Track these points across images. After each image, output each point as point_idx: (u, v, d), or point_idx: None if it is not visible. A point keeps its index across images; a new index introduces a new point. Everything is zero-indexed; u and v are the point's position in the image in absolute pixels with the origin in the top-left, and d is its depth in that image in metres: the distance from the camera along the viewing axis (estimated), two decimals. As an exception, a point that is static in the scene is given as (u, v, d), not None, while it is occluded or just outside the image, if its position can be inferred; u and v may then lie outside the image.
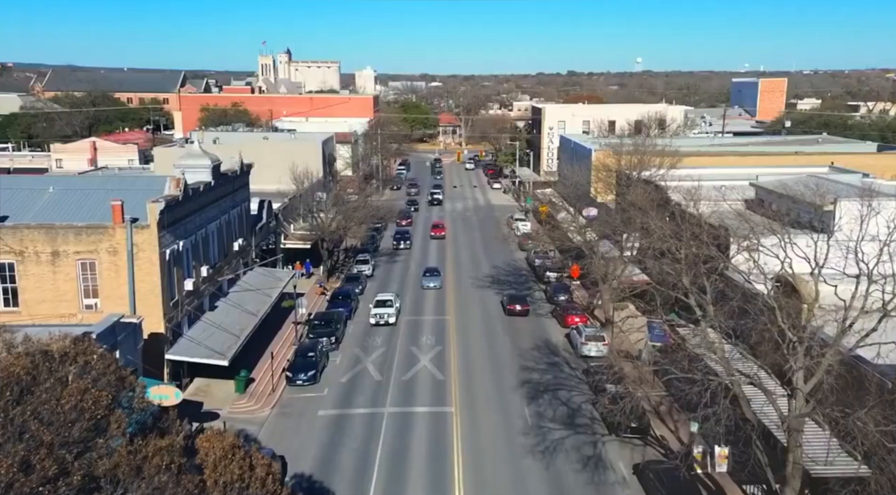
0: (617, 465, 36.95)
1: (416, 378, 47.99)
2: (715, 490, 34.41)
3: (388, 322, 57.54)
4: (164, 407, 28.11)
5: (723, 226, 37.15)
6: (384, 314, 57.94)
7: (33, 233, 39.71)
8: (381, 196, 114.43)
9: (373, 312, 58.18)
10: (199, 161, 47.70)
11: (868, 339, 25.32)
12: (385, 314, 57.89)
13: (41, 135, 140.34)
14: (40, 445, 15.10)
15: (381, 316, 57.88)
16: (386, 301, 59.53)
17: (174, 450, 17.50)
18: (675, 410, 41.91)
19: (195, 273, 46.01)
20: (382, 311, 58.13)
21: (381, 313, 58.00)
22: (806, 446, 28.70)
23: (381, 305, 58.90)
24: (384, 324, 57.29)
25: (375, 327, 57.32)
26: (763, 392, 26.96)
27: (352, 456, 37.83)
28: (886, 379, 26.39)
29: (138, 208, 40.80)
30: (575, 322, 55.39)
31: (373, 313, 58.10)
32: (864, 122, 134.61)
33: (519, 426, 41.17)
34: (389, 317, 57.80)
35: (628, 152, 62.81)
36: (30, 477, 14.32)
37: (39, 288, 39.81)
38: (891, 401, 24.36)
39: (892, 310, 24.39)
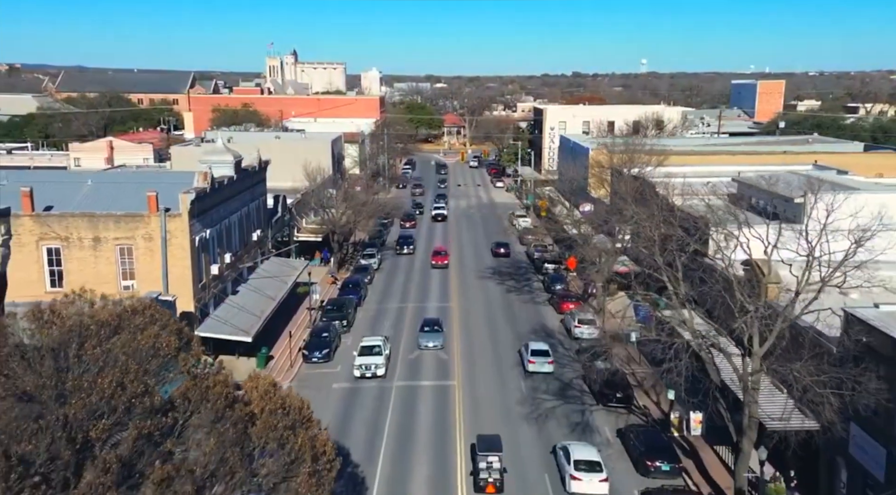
0: (602, 430, 41.07)
1: (422, 357, 52.17)
2: (689, 450, 38.47)
3: (376, 374, 47.41)
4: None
5: (702, 217, 41.22)
6: (370, 365, 47.62)
7: (77, 221, 44.03)
8: (388, 194, 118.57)
9: (357, 362, 47.76)
10: (224, 157, 52.01)
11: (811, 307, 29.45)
12: (372, 365, 47.62)
13: (58, 135, 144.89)
14: (129, 371, 19.27)
15: (366, 367, 47.50)
16: (373, 347, 49.15)
17: (228, 384, 21.68)
18: (658, 384, 45.90)
19: (220, 259, 50.27)
20: (369, 361, 47.81)
21: (368, 364, 47.63)
22: (766, 406, 32.84)
23: (366, 353, 48.67)
24: (371, 377, 47.34)
25: (379, 319, 60.31)
26: (723, 353, 31.07)
27: (363, 422, 42.03)
28: (821, 338, 30.50)
29: (167, 200, 45.07)
30: (570, 308, 59.51)
31: (357, 364, 47.61)
32: (856, 123, 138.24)
33: (515, 397, 45.35)
34: (377, 368, 47.58)
35: (620, 151, 66.97)
36: (125, 392, 18.49)
37: (82, 270, 44.03)
38: (820, 355, 28.43)
39: (829, 282, 28.49)
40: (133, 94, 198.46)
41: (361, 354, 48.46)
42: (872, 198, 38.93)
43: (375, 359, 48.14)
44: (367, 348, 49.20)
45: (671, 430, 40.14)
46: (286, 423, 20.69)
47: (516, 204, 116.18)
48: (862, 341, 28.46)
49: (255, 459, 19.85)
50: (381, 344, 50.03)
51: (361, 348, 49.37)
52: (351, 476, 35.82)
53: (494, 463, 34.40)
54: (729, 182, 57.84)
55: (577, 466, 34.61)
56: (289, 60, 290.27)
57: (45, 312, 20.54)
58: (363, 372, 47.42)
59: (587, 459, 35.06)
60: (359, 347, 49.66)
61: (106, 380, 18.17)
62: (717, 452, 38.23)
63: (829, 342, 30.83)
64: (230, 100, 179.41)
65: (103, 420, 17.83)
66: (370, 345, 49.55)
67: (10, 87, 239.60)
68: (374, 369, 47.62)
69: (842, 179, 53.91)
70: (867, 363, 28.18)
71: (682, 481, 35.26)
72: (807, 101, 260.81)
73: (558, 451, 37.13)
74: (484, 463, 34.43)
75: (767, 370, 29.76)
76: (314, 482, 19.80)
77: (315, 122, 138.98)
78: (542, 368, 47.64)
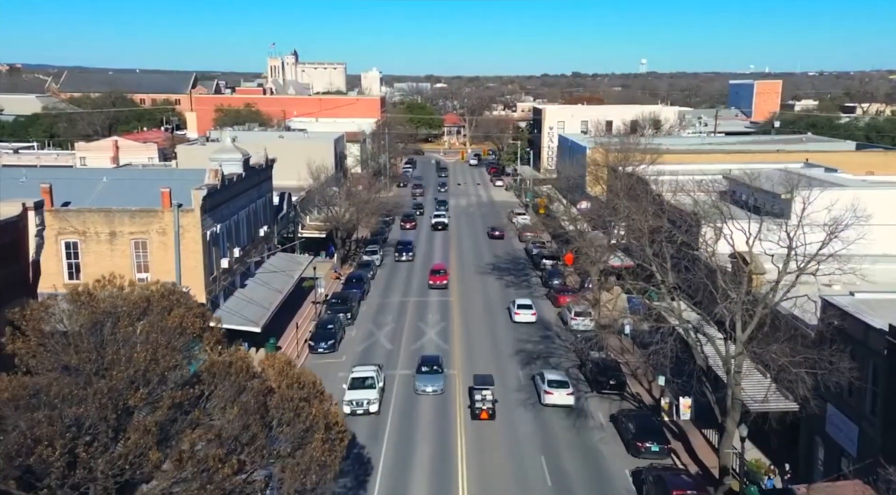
0: (596, 415, 43.05)
1: (423, 347, 54.15)
2: (679, 433, 40.45)
3: (369, 410, 42.09)
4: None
5: (689, 212, 43.17)
6: (362, 400, 42.18)
7: (94, 216, 45.96)
8: (389, 192, 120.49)
9: (346, 397, 42.06)
10: (233, 155, 53.98)
11: (791, 296, 31.43)
12: (364, 400, 42.17)
13: (62, 135, 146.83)
14: (160, 347, 21.23)
15: (357, 403, 42.08)
16: (365, 379, 43.55)
17: (248, 361, 23.67)
18: (649, 373, 47.84)
19: (229, 253, 52.21)
20: (360, 396, 42.40)
21: (359, 399, 42.21)
22: (749, 390, 34.83)
23: (358, 386, 43.10)
24: (363, 413, 41.97)
25: (383, 310, 62.38)
26: (707, 337, 33.05)
27: (365, 420, 43.86)
28: (799, 323, 32.49)
29: (178, 196, 46.99)
30: (566, 301, 61.48)
31: (346, 399, 41.90)
32: (850, 122, 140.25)
33: (513, 384, 47.34)
34: (370, 405, 42.16)
35: (616, 149, 69.02)
36: (158, 366, 20.45)
37: (99, 263, 45.89)
38: (795, 337, 30.39)
39: (805, 271, 30.50)
40: (135, 94, 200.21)
41: (352, 387, 42.31)
42: (845, 194, 40.90)
43: (368, 394, 42.61)
44: (359, 380, 43.47)
45: (661, 415, 42.12)
46: (301, 395, 22.65)
47: (515, 202, 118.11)
48: (836, 325, 30.42)
49: (273, 427, 21.81)
50: (374, 375, 44.32)
51: (352, 381, 43.53)
52: (357, 456, 37.81)
53: (487, 395, 41.97)
54: (720, 179, 59.71)
55: (549, 384, 44.13)
56: (289, 60, 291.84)
57: (83, 295, 22.51)
58: (353, 408, 41.64)
59: (557, 379, 44.83)
60: (349, 379, 43.91)
61: (141, 355, 20.15)
62: (705, 435, 40.19)
63: (807, 327, 32.82)
64: (233, 100, 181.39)
65: (140, 390, 19.80)
66: (362, 377, 43.66)
67: (13, 87, 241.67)
68: (367, 405, 42.01)
69: (825, 176, 55.98)
70: (841, 345, 30.16)
71: (670, 461, 37.23)
72: (804, 100, 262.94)
73: (536, 377, 46.21)
74: (479, 396, 41.96)
75: (749, 353, 31.68)
76: (327, 448, 21.78)
77: (317, 122, 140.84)
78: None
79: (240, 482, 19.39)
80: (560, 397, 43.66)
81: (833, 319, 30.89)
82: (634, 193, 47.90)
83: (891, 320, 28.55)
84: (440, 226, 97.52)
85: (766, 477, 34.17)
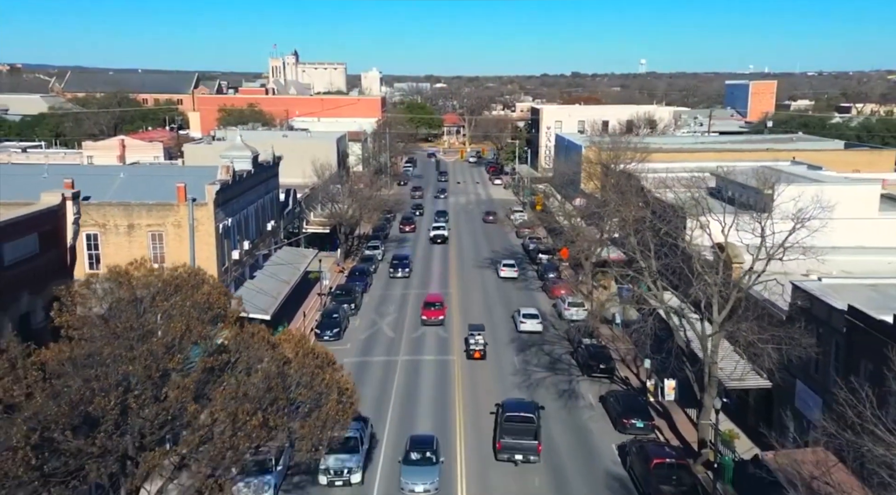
0: (586, 396, 45.82)
1: (424, 335, 56.93)
2: (663, 412, 43.20)
3: (350, 481, 34.76)
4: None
5: (671, 204, 45.98)
6: (342, 469, 34.74)
7: (113, 210, 48.70)
8: (390, 190, 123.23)
9: (322, 465, 34.35)
10: (243, 152, 56.71)
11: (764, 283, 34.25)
12: (343, 469, 34.73)
13: (69, 134, 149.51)
14: (192, 319, 23.96)
15: (336, 472, 34.67)
16: (347, 440, 34.39)
17: (266, 333, 26.43)
18: (638, 359, 50.58)
19: (239, 246, 54.94)
20: (339, 464, 34.77)
21: (338, 468, 34.72)
22: (727, 369, 37.59)
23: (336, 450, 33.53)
24: (342, 485, 34.72)
25: (384, 303, 64.84)
26: (685, 318, 35.82)
27: (373, 391, 46.68)
28: (771, 305, 35.29)
29: (190, 191, 49.67)
30: (560, 293, 64.26)
31: (322, 467, 34.50)
32: (841, 123, 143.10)
33: (509, 369, 50.13)
34: (351, 474, 34.77)
35: (608, 148, 71.87)
36: (191, 335, 23.18)
37: (117, 254, 48.55)
38: (765, 317, 33.17)
39: (773, 257, 33.32)
40: (138, 94, 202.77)
41: (330, 450, 31.96)
42: (809, 188, 43.73)
43: (347, 460, 34.77)
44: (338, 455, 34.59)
45: (647, 395, 44.88)
46: (316, 363, 25.39)
47: (514, 200, 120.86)
48: (803, 307, 33.21)
49: (292, 390, 24.55)
50: (358, 434, 36.04)
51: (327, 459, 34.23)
52: (362, 432, 40.46)
53: (479, 339, 51.56)
54: (708, 176, 62.50)
55: (523, 316, 57.17)
56: (290, 61, 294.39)
57: (122, 274, 25.26)
58: (331, 479, 34.36)
59: (530, 312, 58.06)
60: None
61: (177, 326, 22.88)
62: (688, 414, 42.91)
63: (779, 310, 35.61)
64: (236, 100, 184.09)
65: (176, 356, 22.54)
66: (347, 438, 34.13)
67: (15, 87, 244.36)
68: (347, 474, 34.48)
69: (804, 172, 58.75)
70: (807, 324, 32.95)
71: (654, 436, 39.97)
72: (800, 100, 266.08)
73: (514, 314, 58.60)
74: (472, 339, 51.54)
75: (724, 333, 34.44)
76: (340, 408, 24.54)
77: (318, 122, 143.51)
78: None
79: (265, 435, 22.10)
80: (531, 325, 56.31)
81: (801, 302, 33.66)
82: (622, 188, 50.65)
83: (851, 302, 31.34)
84: (439, 239, 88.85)
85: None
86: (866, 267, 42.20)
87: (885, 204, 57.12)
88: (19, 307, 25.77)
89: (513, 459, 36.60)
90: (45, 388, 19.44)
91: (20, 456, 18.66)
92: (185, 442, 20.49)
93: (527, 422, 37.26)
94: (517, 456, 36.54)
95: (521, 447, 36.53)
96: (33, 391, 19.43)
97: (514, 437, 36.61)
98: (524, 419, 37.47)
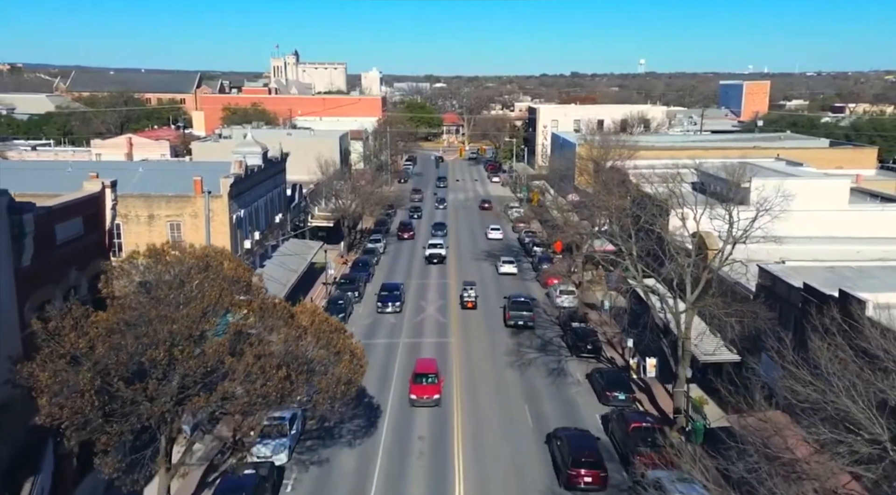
0: (574, 374, 49.45)
1: (424, 321, 60.60)
2: (645, 387, 46.84)
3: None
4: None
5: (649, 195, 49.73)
6: None
7: (135, 201, 52.31)
8: (391, 187, 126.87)
9: None
10: (254, 148, 60.35)
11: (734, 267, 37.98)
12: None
13: (76, 133, 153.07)
14: (223, 288, 27.53)
15: None
16: None
17: (286, 304, 30.04)
18: (623, 341, 54.18)
19: (251, 236, 58.58)
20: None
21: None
22: (700, 345, 41.22)
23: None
24: None
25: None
26: (659, 296, 39.48)
27: (376, 369, 50.21)
28: (740, 285, 39.01)
29: (205, 184, 53.21)
30: (553, 282, 67.90)
31: None
32: (830, 122, 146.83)
33: (502, 350, 53.78)
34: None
35: (599, 146, 75.66)
36: (222, 302, 26.76)
37: (138, 242, 52.08)
38: (729, 294, 36.87)
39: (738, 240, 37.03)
40: (141, 93, 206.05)
41: None
42: (770, 182, 47.52)
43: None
44: None
45: (630, 373, 48.51)
46: (330, 329, 29.00)
47: (511, 197, 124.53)
48: (767, 286, 36.88)
49: (310, 351, 28.15)
50: None
51: None
52: (367, 404, 44.18)
53: (472, 292, 62.36)
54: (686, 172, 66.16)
55: (502, 262, 73.97)
56: (290, 60, 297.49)
57: (160, 252, 28.85)
58: None
59: (508, 259, 75.18)
60: None
61: (211, 294, 26.48)
62: (667, 388, 46.47)
63: (745, 288, 39.30)
64: (239, 99, 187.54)
65: (212, 319, 26.14)
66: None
67: (18, 86, 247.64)
68: None
69: (779, 167, 62.49)
70: (771, 302, 36.62)
71: (635, 407, 43.59)
72: (795, 100, 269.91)
73: (496, 262, 74.18)
74: (466, 293, 62.38)
75: (695, 309, 38.09)
76: (353, 368, 28.14)
77: (320, 121, 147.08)
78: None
79: (289, 387, 25.68)
80: (508, 268, 72.46)
81: (765, 282, 37.32)
82: (607, 182, 54.36)
83: (808, 281, 34.99)
84: (435, 258, 78.07)
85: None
86: (837, 255, 45.92)
87: (857, 197, 61.02)
88: (68, 281, 29.29)
89: (517, 324, 57.66)
90: (105, 342, 23.02)
91: (86, 398, 22.27)
92: (222, 390, 24.05)
93: (525, 304, 59.55)
94: (520, 322, 57.71)
95: (521, 316, 57.92)
96: (95, 344, 23.02)
97: (517, 311, 58.25)
98: (524, 302, 60.20)
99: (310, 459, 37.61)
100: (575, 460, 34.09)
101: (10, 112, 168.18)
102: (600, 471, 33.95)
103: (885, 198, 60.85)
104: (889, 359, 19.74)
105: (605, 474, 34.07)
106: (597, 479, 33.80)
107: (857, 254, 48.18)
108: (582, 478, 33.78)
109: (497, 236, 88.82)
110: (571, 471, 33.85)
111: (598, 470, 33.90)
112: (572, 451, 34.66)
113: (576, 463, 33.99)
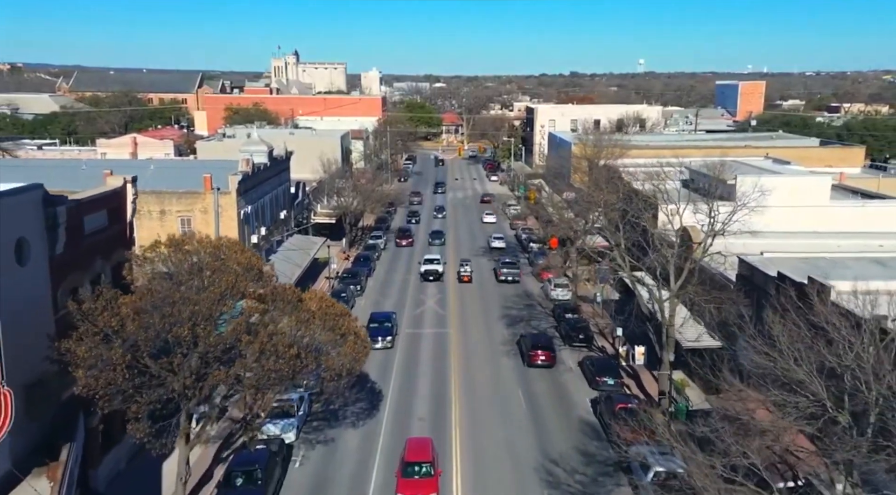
0: (567, 362, 51.89)
1: (424, 313, 63.10)
2: (633, 374, 49.30)
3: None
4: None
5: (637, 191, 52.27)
6: None
7: (148, 197, 54.67)
8: (391, 186, 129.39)
9: None
10: (260, 147, 62.84)
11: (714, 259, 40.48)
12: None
13: (81, 132, 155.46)
14: (238, 274, 29.97)
15: None
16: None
17: (296, 290, 32.50)
18: (614, 331, 56.58)
19: (257, 231, 61.06)
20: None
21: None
22: (685, 332, 43.67)
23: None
24: None
25: (387, 285, 70.82)
26: (645, 285, 41.93)
27: (377, 358, 52.66)
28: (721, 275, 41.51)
29: (214, 181, 55.63)
30: (548, 276, 70.38)
31: None
32: (822, 122, 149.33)
33: (498, 340, 56.25)
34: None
35: (593, 144, 78.21)
36: (237, 287, 29.20)
37: (150, 237, 54.30)
38: (704, 281, 39.34)
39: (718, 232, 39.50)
40: (143, 93, 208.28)
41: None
42: (748, 179, 50.06)
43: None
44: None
45: (620, 360, 50.96)
46: (335, 313, 31.46)
47: (509, 195, 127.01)
48: (745, 275, 39.34)
49: (318, 333, 30.61)
50: None
51: None
52: (370, 390, 46.64)
53: (468, 267, 71.64)
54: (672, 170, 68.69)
55: (493, 238, 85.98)
56: (291, 60, 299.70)
57: (179, 242, 31.30)
58: None
59: (498, 236, 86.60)
60: None
61: (228, 278, 28.93)
62: (654, 375, 48.94)
63: (725, 278, 41.80)
64: (241, 99, 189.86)
65: (228, 302, 28.60)
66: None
67: (20, 86, 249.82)
68: None
69: (765, 165, 64.96)
70: (749, 290, 39.09)
71: (623, 392, 46.05)
72: (792, 100, 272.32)
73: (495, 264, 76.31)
74: (462, 268, 71.59)
75: (678, 297, 40.58)
76: (357, 348, 30.61)
77: (321, 121, 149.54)
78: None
79: (300, 364, 28.14)
80: (498, 244, 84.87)
81: (744, 271, 39.79)
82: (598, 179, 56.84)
83: (782, 271, 37.45)
84: (432, 275, 72.04)
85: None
86: (818, 248, 48.34)
87: (839, 194, 63.52)
88: (94, 269, 31.74)
89: (507, 280, 71.10)
90: (134, 321, 25.47)
91: (118, 371, 24.71)
92: (240, 364, 26.52)
93: (513, 263, 74.16)
94: (509, 277, 71.31)
95: (511, 273, 71.72)
96: (125, 323, 25.47)
97: (507, 268, 72.26)
98: (512, 261, 74.86)
99: (316, 438, 40.05)
100: (534, 345, 50.60)
101: (15, 112, 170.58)
102: (551, 353, 50.05)
103: (866, 194, 63.31)
104: (835, 331, 22.19)
105: (554, 355, 50.21)
106: (549, 358, 49.79)
107: (837, 248, 50.65)
108: (538, 357, 49.61)
109: (491, 220, 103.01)
110: (531, 353, 49.85)
111: (549, 351, 50.11)
112: (532, 341, 51.36)
113: (534, 347, 50.32)
